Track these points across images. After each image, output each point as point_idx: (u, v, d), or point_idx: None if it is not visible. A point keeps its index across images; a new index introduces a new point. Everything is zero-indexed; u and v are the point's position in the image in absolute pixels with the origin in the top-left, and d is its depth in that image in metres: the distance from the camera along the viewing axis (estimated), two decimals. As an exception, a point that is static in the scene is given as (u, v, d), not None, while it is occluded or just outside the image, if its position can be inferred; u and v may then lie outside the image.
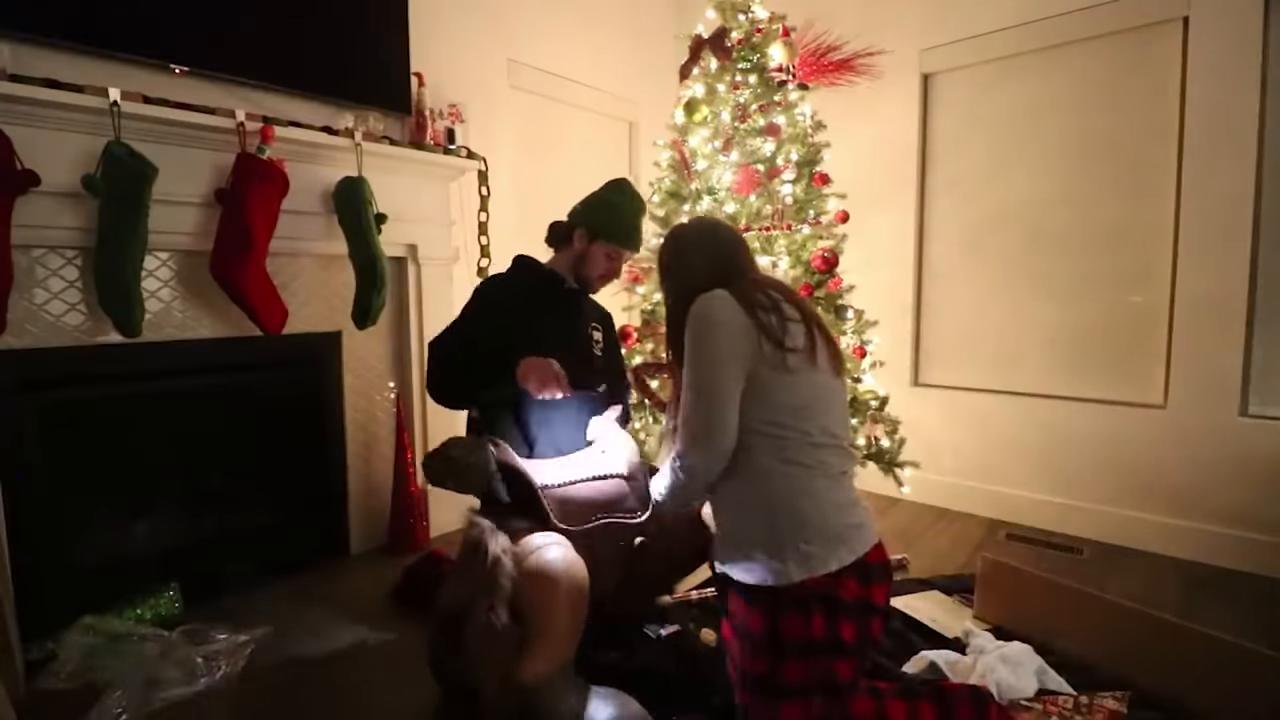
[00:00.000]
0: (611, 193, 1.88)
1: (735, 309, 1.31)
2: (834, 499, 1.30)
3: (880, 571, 1.30)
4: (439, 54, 2.82)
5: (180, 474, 2.31)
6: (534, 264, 1.90)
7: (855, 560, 1.26)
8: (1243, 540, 2.47)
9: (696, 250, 1.48)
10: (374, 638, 2.04)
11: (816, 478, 1.29)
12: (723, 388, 1.28)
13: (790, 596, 1.24)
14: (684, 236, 1.54)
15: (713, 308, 1.32)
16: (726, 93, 2.59)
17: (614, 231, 1.83)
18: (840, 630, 1.24)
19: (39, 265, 1.90)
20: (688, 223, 1.63)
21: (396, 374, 2.79)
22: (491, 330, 1.72)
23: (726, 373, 1.28)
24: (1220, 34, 2.49)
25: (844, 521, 1.29)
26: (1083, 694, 1.63)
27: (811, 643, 1.23)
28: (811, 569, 1.23)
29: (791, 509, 1.27)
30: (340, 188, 2.37)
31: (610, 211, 1.84)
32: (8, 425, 1.87)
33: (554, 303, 1.84)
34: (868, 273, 2.69)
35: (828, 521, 1.27)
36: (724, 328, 1.30)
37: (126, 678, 1.70)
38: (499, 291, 1.83)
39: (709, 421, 1.29)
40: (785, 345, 1.30)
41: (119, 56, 1.99)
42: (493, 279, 1.90)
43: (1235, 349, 2.50)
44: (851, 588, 1.25)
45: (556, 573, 1.40)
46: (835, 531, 1.27)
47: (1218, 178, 2.51)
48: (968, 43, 3.09)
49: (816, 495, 1.28)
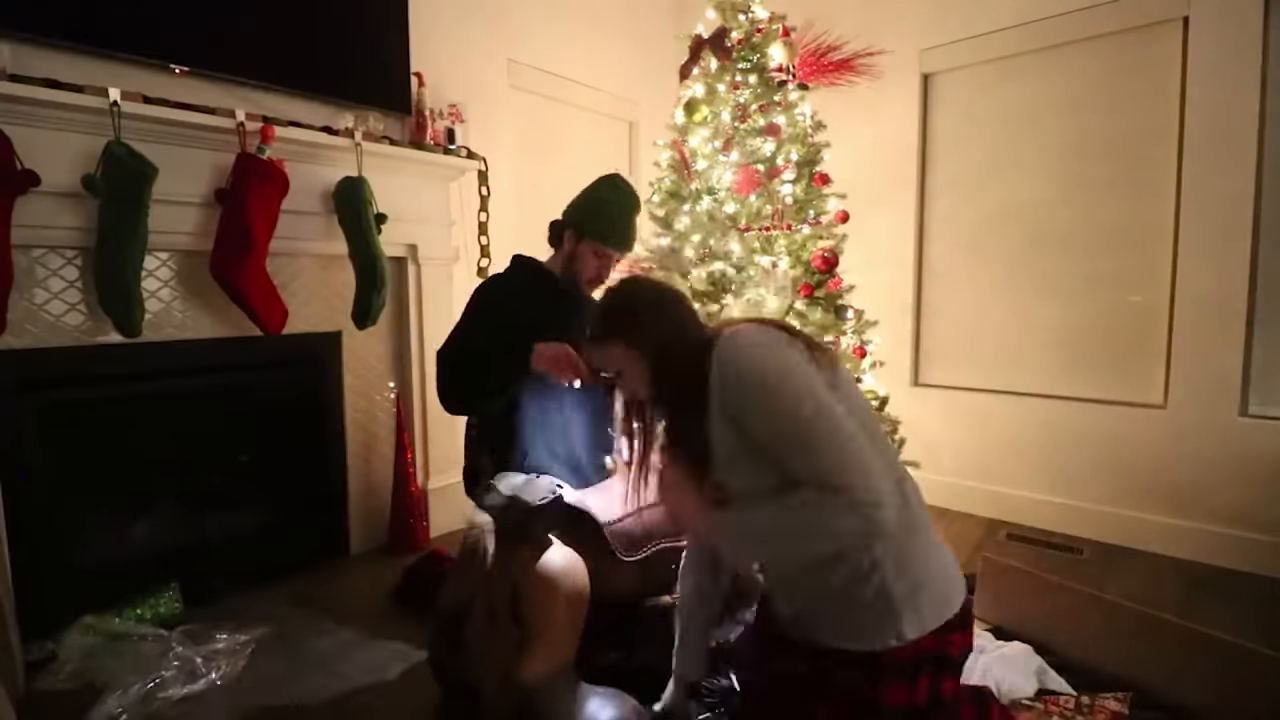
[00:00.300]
0: (602, 189, 1.82)
1: (768, 329, 1.10)
2: (929, 538, 1.10)
3: (971, 615, 1.12)
4: (439, 54, 2.82)
5: (180, 474, 2.31)
6: (531, 263, 1.88)
7: (960, 609, 1.08)
8: (1243, 540, 2.47)
9: (669, 300, 1.25)
10: (374, 638, 2.04)
11: (914, 509, 1.09)
12: (822, 395, 1.02)
13: (895, 660, 1.03)
14: (642, 288, 1.31)
15: (753, 333, 1.08)
16: (726, 93, 2.58)
17: (601, 230, 1.76)
18: (942, 689, 1.07)
19: (39, 265, 1.90)
20: (626, 280, 1.38)
21: (396, 374, 2.79)
22: (492, 330, 1.69)
23: (814, 379, 1.03)
24: (1220, 34, 2.49)
25: (944, 561, 1.10)
26: (1084, 694, 1.63)
27: (915, 709, 1.05)
28: (924, 624, 1.03)
29: (891, 553, 1.04)
30: (340, 188, 2.37)
31: (598, 209, 1.78)
32: (8, 425, 1.87)
33: (549, 302, 1.80)
34: (868, 273, 2.68)
35: (932, 564, 1.08)
36: (780, 341, 1.07)
37: (126, 678, 1.70)
38: (497, 291, 1.81)
39: (860, 456, 0.98)
40: (821, 363, 1.09)
41: (119, 56, 1.99)
42: (491, 279, 1.88)
43: (1235, 349, 2.50)
44: (957, 642, 1.07)
45: (556, 574, 1.40)
46: (944, 574, 1.08)
47: (1218, 178, 2.51)
48: (968, 43, 3.09)
49: (915, 532, 1.08)
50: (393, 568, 2.43)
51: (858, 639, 1.05)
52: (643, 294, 1.28)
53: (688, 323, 1.23)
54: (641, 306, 1.24)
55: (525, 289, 1.80)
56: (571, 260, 1.79)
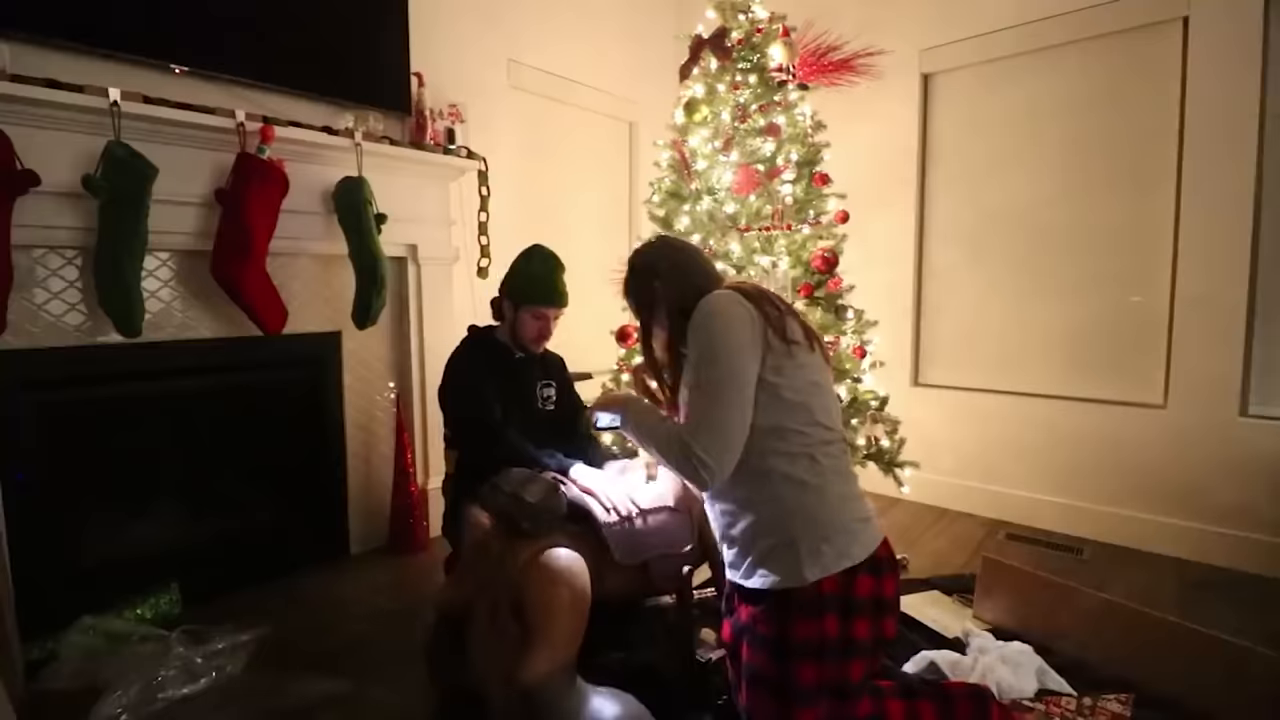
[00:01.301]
0: (522, 261, 2.04)
1: (743, 302, 1.29)
2: (841, 493, 1.28)
3: (889, 564, 1.29)
4: (439, 54, 2.82)
5: (180, 474, 2.31)
6: (484, 335, 2.08)
7: (867, 556, 1.24)
8: (1243, 540, 2.47)
9: (681, 264, 1.46)
10: (374, 638, 2.04)
11: (824, 474, 1.26)
12: (744, 375, 1.24)
13: (803, 598, 1.22)
14: (658, 255, 1.50)
15: (722, 303, 1.29)
16: (726, 93, 2.58)
17: (532, 295, 1.98)
18: (854, 629, 1.22)
19: (39, 265, 1.90)
20: (646, 245, 1.59)
21: (396, 374, 2.79)
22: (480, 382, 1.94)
23: (747, 360, 1.24)
24: (1220, 34, 2.49)
25: (854, 516, 1.27)
26: (1086, 695, 1.63)
27: (825, 644, 1.21)
28: (825, 568, 1.21)
29: (802, 508, 1.24)
30: (340, 188, 2.37)
31: (524, 279, 2.00)
32: (8, 425, 1.87)
33: (505, 369, 2.02)
34: (868, 273, 2.69)
35: (838, 518, 1.25)
36: (738, 320, 1.26)
37: (126, 678, 1.70)
38: (463, 364, 2.00)
39: (729, 413, 1.22)
40: (788, 337, 1.28)
41: (119, 56, 1.99)
42: (457, 357, 2.05)
43: (1235, 349, 2.50)
44: (865, 585, 1.23)
45: (558, 573, 1.40)
46: (847, 528, 1.25)
47: (1218, 177, 2.51)
48: (968, 43, 3.09)
49: (825, 492, 1.26)
50: (393, 568, 2.43)
51: (772, 579, 1.25)
52: (651, 261, 1.49)
53: (700, 279, 1.41)
54: (659, 273, 1.45)
55: (484, 359, 2.01)
56: (515, 326, 2.02)
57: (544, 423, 2.04)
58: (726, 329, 1.26)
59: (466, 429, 1.97)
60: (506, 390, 1.97)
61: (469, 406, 1.93)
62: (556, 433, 2.03)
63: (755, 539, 1.28)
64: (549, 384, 2.12)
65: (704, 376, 1.25)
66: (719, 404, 1.23)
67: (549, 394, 2.09)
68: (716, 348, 1.25)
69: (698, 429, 1.23)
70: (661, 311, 1.43)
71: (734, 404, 1.23)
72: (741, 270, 2.51)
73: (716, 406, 1.23)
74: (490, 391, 1.93)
